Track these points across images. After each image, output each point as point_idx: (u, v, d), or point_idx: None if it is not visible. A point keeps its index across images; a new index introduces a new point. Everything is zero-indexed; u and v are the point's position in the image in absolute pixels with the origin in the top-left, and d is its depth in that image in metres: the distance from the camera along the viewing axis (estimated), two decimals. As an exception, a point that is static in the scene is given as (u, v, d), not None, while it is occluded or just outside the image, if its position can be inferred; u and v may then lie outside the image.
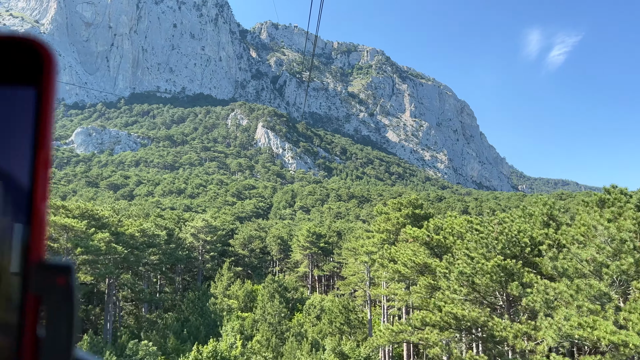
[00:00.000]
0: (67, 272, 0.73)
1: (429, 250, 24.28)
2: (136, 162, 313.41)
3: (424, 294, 24.20)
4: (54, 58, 0.74)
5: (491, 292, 20.26)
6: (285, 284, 52.22)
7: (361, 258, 39.96)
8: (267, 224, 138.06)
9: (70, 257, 37.71)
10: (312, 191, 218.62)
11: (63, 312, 0.71)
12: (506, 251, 20.06)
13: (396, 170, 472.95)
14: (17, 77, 0.73)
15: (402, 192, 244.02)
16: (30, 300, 0.72)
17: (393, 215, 37.23)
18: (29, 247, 0.71)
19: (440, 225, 24.61)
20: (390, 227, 37.18)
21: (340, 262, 78.39)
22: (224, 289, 50.34)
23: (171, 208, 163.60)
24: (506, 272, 18.75)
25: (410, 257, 23.76)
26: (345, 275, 55.24)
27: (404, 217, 36.74)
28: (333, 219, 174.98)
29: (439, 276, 21.37)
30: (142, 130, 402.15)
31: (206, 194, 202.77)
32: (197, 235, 66.21)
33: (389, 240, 37.10)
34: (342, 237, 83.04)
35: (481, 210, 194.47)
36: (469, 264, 19.49)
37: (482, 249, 20.38)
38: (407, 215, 36.69)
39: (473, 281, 19.57)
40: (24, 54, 0.71)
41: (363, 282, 48.01)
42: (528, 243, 20.15)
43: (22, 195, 0.71)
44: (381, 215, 39.06)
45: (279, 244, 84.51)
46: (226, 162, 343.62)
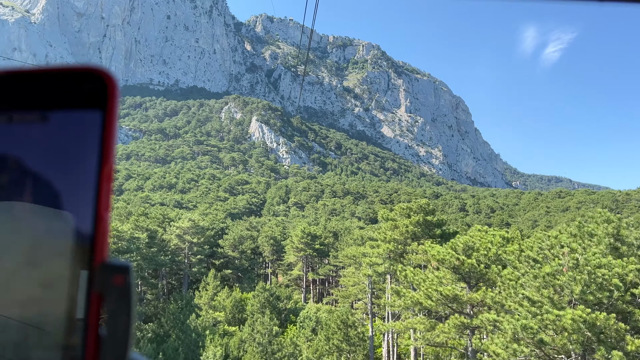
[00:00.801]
0: (125, 272, 0.78)
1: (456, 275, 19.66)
2: (127, 155, 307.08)
3: (453, 334, 19.47)
4: (116, 85, 0.81)
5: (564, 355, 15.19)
6: (277, 293, 47.54)
7: (364, 271, 35.25)
8: (260, 222, 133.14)
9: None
10: (306, 187, 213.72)
11: (122, 311, 0.76)
12: (587, 297, 15.06)
13: (391, 165, 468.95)
14: (87, 101, 0.82)
15: (398, 188, 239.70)
16: (95, 299, 0.78)
17: (401, 223, 32.38)
18: (95, 249, 0.78)
19: (472, 244, 19.85)
20: (398, 236, 32.38)
21: (336, 265, 73.67)
22: (210, 299, 45.58)
23: (161, 204, 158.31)
24: (594, 331, 13.81)
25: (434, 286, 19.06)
26: (344, 284, 50.54)
27: (414, 225, 31.93)
28: (328, 216, 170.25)
29: (485, 325, 16.62)
30: (134, 123, 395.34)
31: (198, 189, 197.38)
32: (183, 237, 61.03)
33: (397, 251, 32.33)
34: (338, 238, 78.25)
35: (479, 208, 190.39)
36: (531, 312, 14.61)
37: (546, 290, 15.45)
38: (417, 222, 31.87)
39: (541, 339, 14.70)
40: (93, 81, 0.80)
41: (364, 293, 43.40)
42: (620, 286, 15.03)
43: (90, 204, 0.79)
44: (387, 222, 34.18)
45: (271, 244, 79.64)
46: (219, 156, 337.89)
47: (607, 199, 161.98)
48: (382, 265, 32.48)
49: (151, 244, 53.81)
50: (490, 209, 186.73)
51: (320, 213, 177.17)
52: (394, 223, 33.29)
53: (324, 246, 73.18)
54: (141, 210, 73.58)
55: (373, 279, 37.20)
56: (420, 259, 30.56)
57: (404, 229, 31.95)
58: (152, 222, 68.00)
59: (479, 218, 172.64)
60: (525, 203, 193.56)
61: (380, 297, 41.49)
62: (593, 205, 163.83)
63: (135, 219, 54.49)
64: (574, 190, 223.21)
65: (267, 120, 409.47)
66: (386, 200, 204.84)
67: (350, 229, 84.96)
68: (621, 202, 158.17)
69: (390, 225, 33.51)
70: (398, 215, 34.40)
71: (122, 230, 42.72)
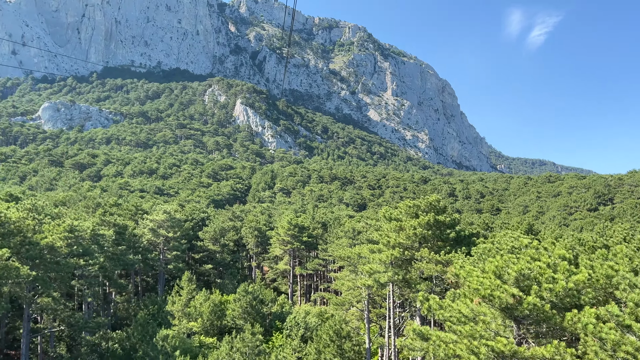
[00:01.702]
0: None
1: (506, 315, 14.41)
2: (107, 139, 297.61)
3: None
4: None
5: None
6: (261, 296, 42.24)
7: (362, 281, 29.79)
8: (244, 210, 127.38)
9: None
10: (292, 172, 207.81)
11: None
12: None
13: (378, 150, 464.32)
14: None
15: (386, 173, 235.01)
16: None
17: (408, 224, 26.91)
18: None
19: (528, 272, 14.30)
20: (404, 239, 26.95)
21: (325, 259, 68.37)
22: (184, 306, 40.09)
23: (140, 190, 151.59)
24: None
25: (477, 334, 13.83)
26: (337, 288, 45.12)
27: (423, 227, 26.60)
28: (315, 202, 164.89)
29: None
30: (115, 106, 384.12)
31: (180, 174, 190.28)
32: (157, 231, 55.04)
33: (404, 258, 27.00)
34: (327, 229, 72.87)
35: (468, 193, 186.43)
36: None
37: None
38: (427, 223, 26.50)
39: None
40: None
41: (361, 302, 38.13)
42: None
43: None
44: (390, 223, 28.56)
45: (256, 235, 74.06)
46: (203, 140, 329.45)
47: (599, 184, 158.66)
48: (384, 274, 27.20)
49: (120, 241, 48.03)
50: (479, 194, 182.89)
51: (307, 199, 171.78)
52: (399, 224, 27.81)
53: (312, 238, 67.79)
54: (112, 200, 67.39)
55: (374, 289, 32.00)
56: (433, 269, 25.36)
57: (411, 231, 26.48)
58: (124, 213, 61.87)
59: (469, 204, 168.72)
60: (515, 188, 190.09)
61: (382, 306, 36.40)
62: (585, 190, 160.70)
63: (102, 212, 48.54)
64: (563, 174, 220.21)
65: (252, 104, 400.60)
66: (374, 185, 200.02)
67: (340, 219, 79.58)
68: (613, 187, 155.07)
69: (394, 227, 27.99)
70: (404, 215, 28.82)
71: (81, 229, 36.91)
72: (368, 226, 62.63)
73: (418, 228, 26.73)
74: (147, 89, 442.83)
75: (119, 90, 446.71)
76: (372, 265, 28.08)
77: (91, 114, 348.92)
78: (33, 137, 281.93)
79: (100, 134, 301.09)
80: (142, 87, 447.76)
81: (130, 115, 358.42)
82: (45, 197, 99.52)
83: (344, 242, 60.90)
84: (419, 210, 28.22)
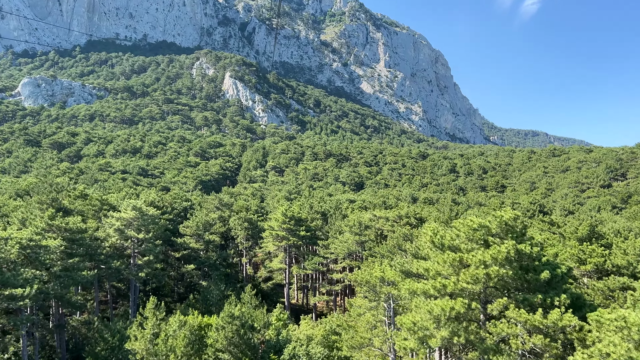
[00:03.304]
0: None
1: None
2: (91, 116, 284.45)
3: None
4: None
5: None
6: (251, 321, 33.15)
7: (399, 341, 19.73)
8: (234, 193, 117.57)
9: None
10: (285, 149, 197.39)
11: None
12: None
13: (372, 123, 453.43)
14: None
15: (383, 149, 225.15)
16: None
17: (475, 259, 17.41)
18: None
19: None
20: (468, 282, 17.21)
21: (326, 256, 59.00)
22: (149, 342, 30.82)
23: (123, 171, 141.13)
24: None
25: None
26: (352, 324, 35.62)
27: (499, 264, 16.99)
28: (310, 181, 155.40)
29: None
30: (99, 81, 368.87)
31: (166, 153, 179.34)
32: (125, 232, 45.00)
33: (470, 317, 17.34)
34: (327, 219, 63.46)
35: (470, 169, 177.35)
36: None
37: None
38: (506, 259, 16.81)
39: None
40: None
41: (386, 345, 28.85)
42: None
43: None
44: (444, 254, 18.79)
45: (246, 228, 64.60)
46: (191, 116, 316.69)
47: (610, 158, 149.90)
48: (437, 334, 17.70)
49: (75, 249, 38.50)
50: (482, 169, 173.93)
51: (301, 178, 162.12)
52: (458, 257, 18.23)
53: (311, 232, 58.41)
54: (78, 191, 57.34)
55: (420, 352, 22.67)
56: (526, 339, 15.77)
57: (481, 271, 17.04)
58: (86, 209, 51.81)
59: (472, 180, 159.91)
60: (519, 163, 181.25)
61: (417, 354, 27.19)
62: (595, 165, 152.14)
63: (51, 214, 38.71)
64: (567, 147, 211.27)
65: (241, 77, 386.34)
66: (371, 162, 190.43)
67: (341, 206, 70.04)
68: (625, 161, 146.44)
69: (451, 260, 18.30)
70: (464, 240, 18.95)
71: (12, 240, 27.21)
72: (376, 219, 53.30)
73: (492, 265, 17.26)
74: (133, 62, 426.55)
75: (103, 64, 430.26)
76: (416, 316, 18.51)
77: (74, 90, 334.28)
78: (12, 114, 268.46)
79: (83, 111, 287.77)
80: (128, 61, 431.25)
81: (115, 90, 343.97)
82: (10, 184, 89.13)
83: (349, 239, 51.57)
84: (489, 233, 18.61)
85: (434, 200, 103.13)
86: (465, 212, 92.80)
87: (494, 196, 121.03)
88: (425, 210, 60.73)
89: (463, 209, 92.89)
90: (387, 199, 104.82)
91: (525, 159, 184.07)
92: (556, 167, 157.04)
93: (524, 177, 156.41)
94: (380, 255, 43.31)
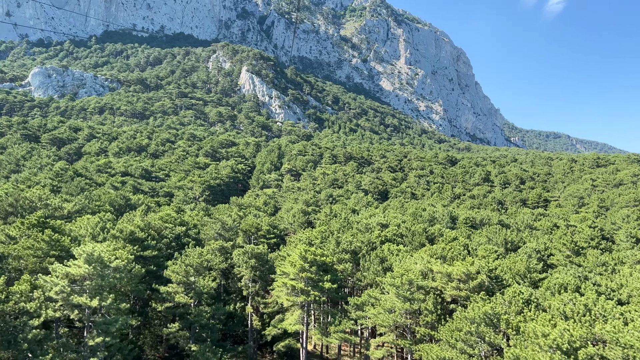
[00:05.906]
0: None
1: None
2: (100, 109, 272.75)
3: None
4: None
5: None
6: None
7: None
8: (244, 205, 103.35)
9: None
10: (302, 150, 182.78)
11: None
12: None
13: (391, 122, 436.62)
14: None
15: (407, 152, 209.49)
16: None
17: None
18: None
19: None
20: None
21: (358, 320, 43.90)
22: None
23: (124, 173, 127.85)
24: None
25: None
26: None
27: None
28: (329, 188, 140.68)
29: None
30: (112, 72, 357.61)
31: (174, 152, 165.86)
32: (70, 300, 30.38)
33: None
34: (359, 263, 48.54)
35: (506, 178, 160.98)
36: None
37: None
38: None
39: None
40: None
41: None
42: None
43: None
44: None
45: (252, 267, 50.32)
46: (205, 111, 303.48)
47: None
48: None
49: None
50: (519, 179, 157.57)
51: (319, 184, 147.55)
52: None
53: (338, 281, 43.73)
54: (34, 218, 43.55)
55: None
56: None
57: None
58: (26, 254, 37.87)
59: (510, 192, 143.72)
60: (560, 172, 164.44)
61: None
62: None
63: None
64: (611, 155, 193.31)
65: (258, 71, 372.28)
66: (395, 167, 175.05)
67: (374, 241, 55.08)
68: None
69: None
70: None
71: None
72: (430, 273, 38.57)
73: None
74: (148, 54, 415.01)
75: (118, 55, 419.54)
76: None
77: (85, 81, 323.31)
78: (20, 105, 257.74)
79: (93, 103, 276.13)
80: (143, 52, 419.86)
81: (128, 82, 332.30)
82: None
83: (396, 305, 36.84)
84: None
85: (477, 221, 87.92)
86: (519, 241, 77.84)
87: (541, 215, 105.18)
88: (496, 263, 45.66)
89: (514, 235, 77.67)
90: (420, 215, 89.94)
91: (566, 169, 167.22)
92: (606, 180, 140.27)
93: (569, 190, 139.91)
94: (447, 344, 28.80)
